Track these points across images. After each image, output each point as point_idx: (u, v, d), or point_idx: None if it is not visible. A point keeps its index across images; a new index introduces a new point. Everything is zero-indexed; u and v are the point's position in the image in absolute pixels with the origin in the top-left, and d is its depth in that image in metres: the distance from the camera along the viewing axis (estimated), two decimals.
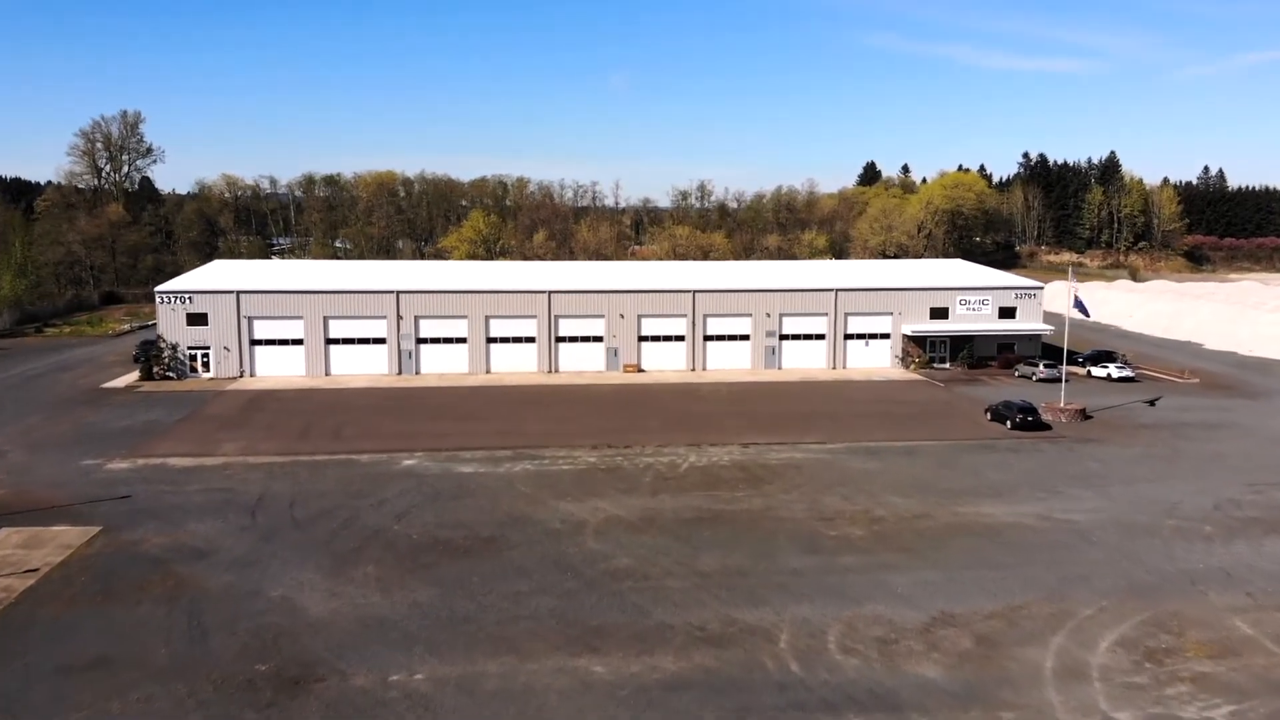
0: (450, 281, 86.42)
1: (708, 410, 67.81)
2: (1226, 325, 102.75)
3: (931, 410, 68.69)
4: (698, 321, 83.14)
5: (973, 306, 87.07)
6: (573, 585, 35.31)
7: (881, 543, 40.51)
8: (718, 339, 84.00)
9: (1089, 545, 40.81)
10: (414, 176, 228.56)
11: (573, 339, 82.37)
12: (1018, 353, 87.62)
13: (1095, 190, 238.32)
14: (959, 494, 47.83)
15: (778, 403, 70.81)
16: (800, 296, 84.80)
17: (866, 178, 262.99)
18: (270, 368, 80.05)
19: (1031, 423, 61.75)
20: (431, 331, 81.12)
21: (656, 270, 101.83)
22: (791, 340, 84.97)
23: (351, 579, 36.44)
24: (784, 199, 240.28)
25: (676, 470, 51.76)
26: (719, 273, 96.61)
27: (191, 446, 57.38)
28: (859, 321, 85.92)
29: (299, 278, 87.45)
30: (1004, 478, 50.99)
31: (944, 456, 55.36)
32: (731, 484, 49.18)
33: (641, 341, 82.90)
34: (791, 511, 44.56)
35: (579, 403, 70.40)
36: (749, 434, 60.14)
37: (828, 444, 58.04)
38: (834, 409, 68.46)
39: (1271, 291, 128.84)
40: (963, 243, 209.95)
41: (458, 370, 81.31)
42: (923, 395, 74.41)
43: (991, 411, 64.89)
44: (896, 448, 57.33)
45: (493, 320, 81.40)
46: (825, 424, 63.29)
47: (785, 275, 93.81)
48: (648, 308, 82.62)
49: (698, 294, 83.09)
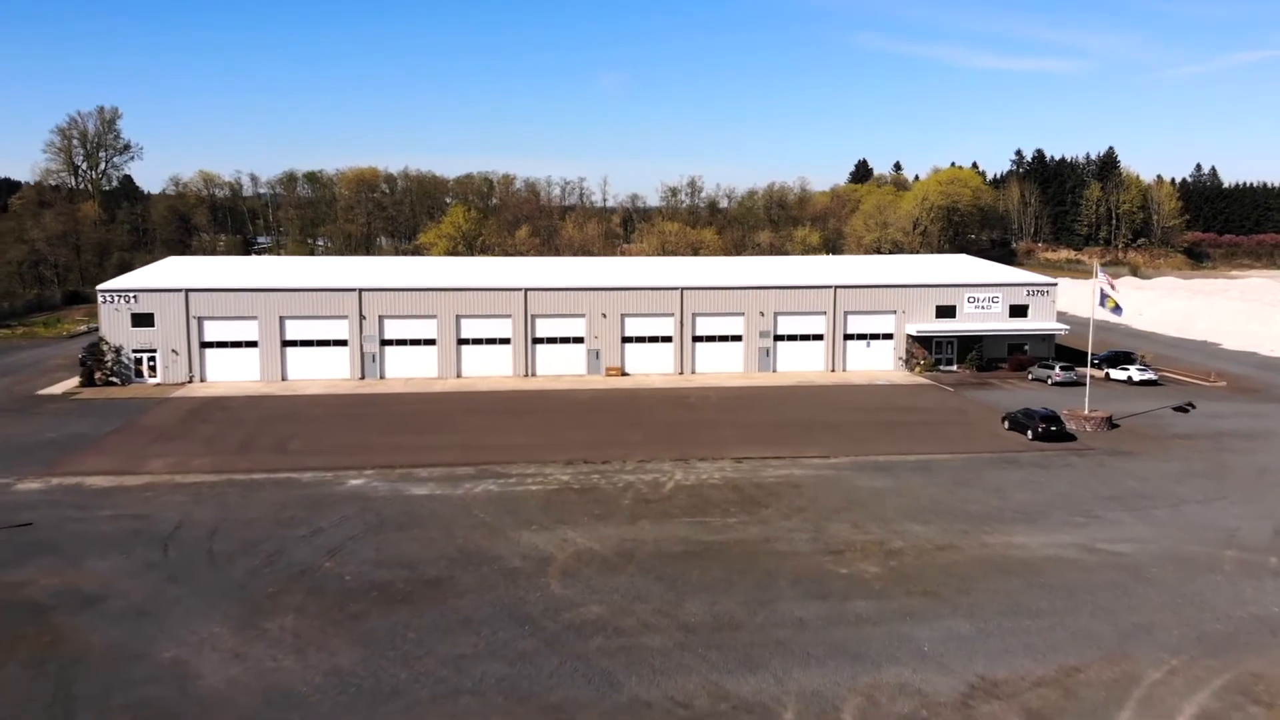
0: (418, 278, 79.90)
1: (696, 419, 61.56)
2: (1244, 324, 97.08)
3: (942, 418, 62.57)
4: (686, 321, 76.90)
5: (981, 304, 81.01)
6: (529, 644, 28.98)
7: (900, 583, 34.31)
8: (708, 340, 77.78)
9: (1143, 585, 34.69)
10: (397, 173, 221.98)
11: (551, 340, 76.02)
12: (1029, 354, 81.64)
13: (1093, 186, 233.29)
14: (985, 519, 41.69)
15: (773, 410, 64.63)
16: (796, 294, 78.63)
17: (859, 176, 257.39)
18: (222, 372, 73.48)
19: (1055, 433, 55.69)
20: (397, 332, 74.65)
21: (641, 266, 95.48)
22: (787, 341, 78.80)
23: (264, 634, 30.06)
24: (776, 195, 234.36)
25: (660, 491, 45.50)
26: (709, 269, 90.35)
27: (116, 463, 50.87)
28: (860, 321, 79.81)
29: (254, 275, 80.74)
30: (1033, 499, 44.88)
31: (962, 473, 49.25)
32: (723, 508, 42.94)
33: (625, 343, 76.60)
34: (793, 543, 38.33)
35: (555, 411, 64.06)
36: (742, 446, 53.94)
37: (831, 458, 51.87)
38: (835, 417, 62.30)
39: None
40: (958, 240, 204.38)
41: (426, 374, 74.86)
42: (931, 401, 68.30)
43: (1010, 420, 58.81)
44: (908, 462, 51.19)
45: (464, 320, 74.95)
46: (827, 434, 57.12)
47: (780, 271, 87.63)
48: (632, 306, 76.34)
49: (686, 291, 76.83)
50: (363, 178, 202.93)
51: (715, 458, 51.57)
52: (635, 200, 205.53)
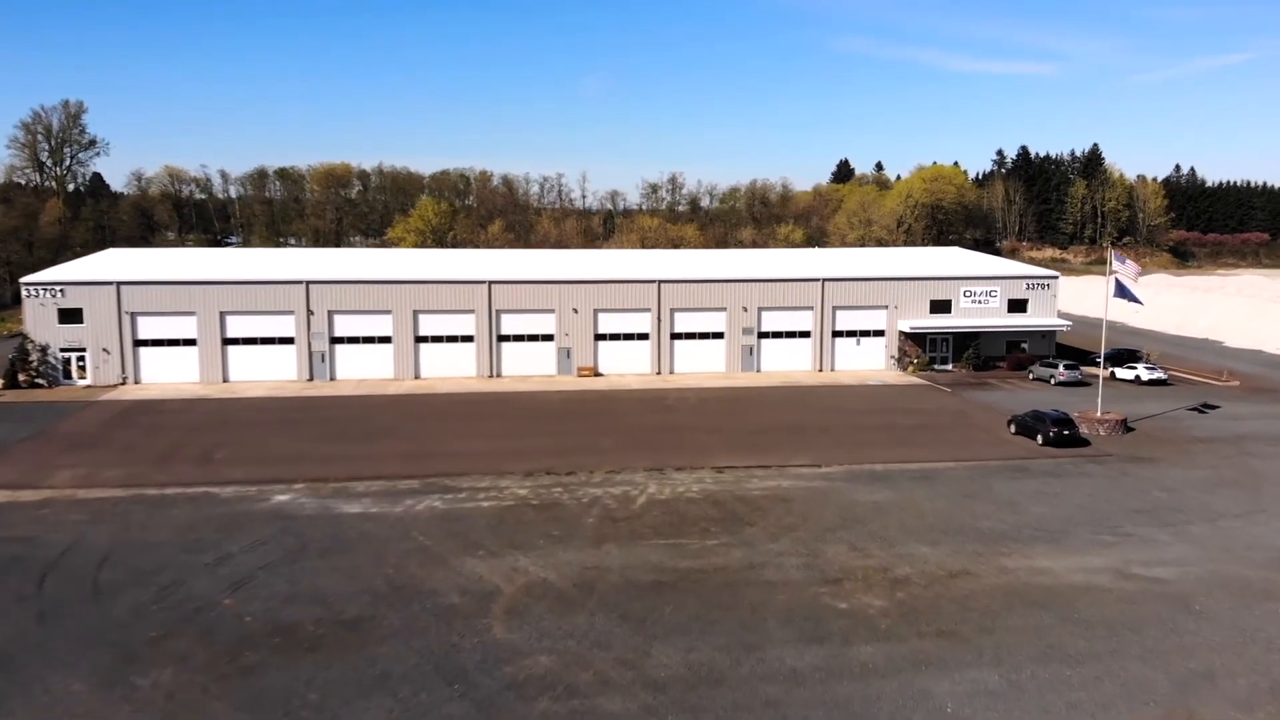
0: (372, 270, 73.93)
1: (674, 423, 56.05)
2: (1247, 321, 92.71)
3: (941, 421, 57.37)
4: (664, 317, 71.42)
5: (979, 299, 76.00)
6: (457, 710, 23.31)
7: (911, 621, 28.91)
8: (687, 337, 72.32)
9: (1195, 619, 29.46)
10: (371, 169, 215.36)
11: (518, 337, 70.31)
12: (1028, 352, 76.69)
13: (1078, 184, 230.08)
14: (1000, 539, 36.39)
15: (758, 413, 59.22)
16: (782, 288, 73.34)
17: (840, 176, 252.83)
18: (158, 373, 67.33)
19: (1068, 437, 50.58)
20: (349, 329, 68.73)
21: (617, 259, 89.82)
22: (772, 339, 73.48)
23: (132, 694, 24.28)
24: (758, 192, 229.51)
25: (631, 507, 39.93)
26: (688, 262, 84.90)
27: (18, 476, 44.82)
28: (849, 316, 74.60)
29: (194, 268, 74.54)
30: (1052, 513, 39.64)
31: (970, 483, 43.99)
32: (702, 526, 37.42)
33: (599, 340, 71.02)
34: (783, 570, 32.86)
35: (519, 414, 58.37)
36: (724, 454, 48.49)
37: (822, 467, 46.49)
38: (826, 420, 56.96)
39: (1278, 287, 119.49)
40: (942, 239, 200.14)
41: (380, 375, 68.98)
42: (928, 402, 63.11)
43: (1017, 423, 53.66)
44: (909, 471, 45.88)
45: (422, 316, 69.13)
46: (817, 440, 51.76)
47: (764, 264, 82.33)
48: (606, 301, 70.76)
49: (664, 285, 71.36)
50: (334, 174, 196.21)
51: (694, 467, 46.08)
52: (615, 197, 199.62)
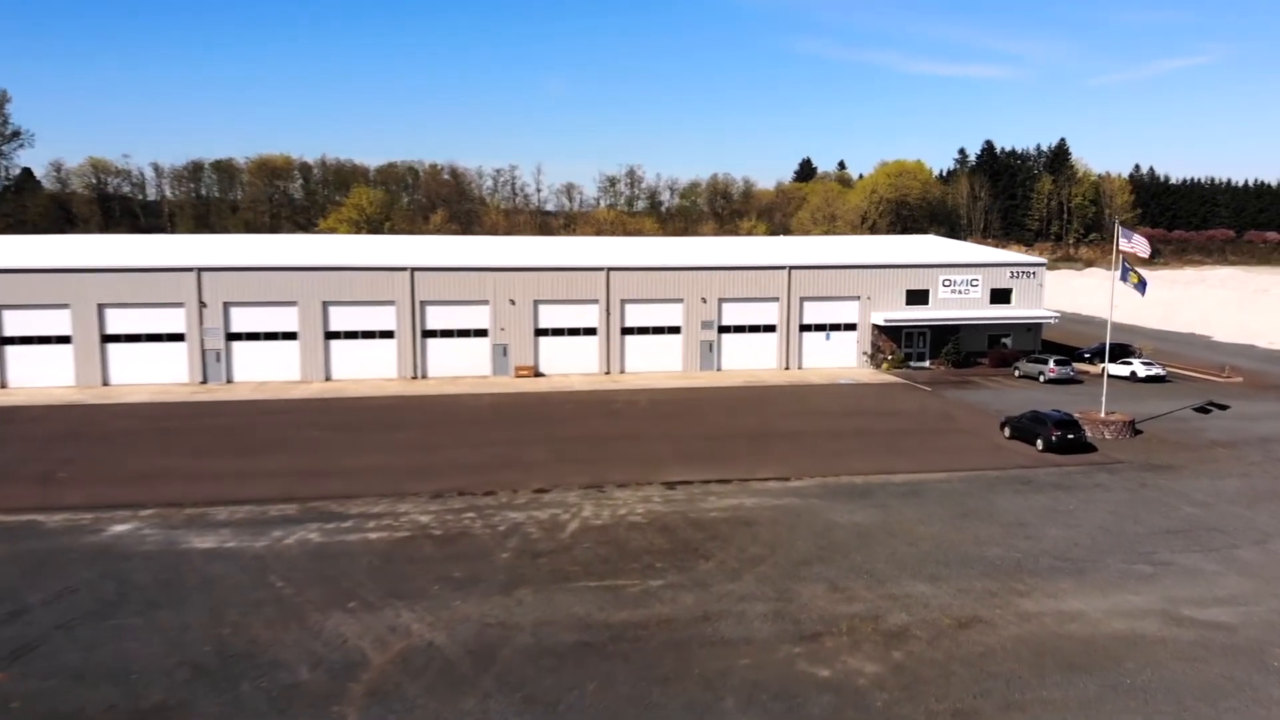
0: (274, 256, 65.33)
1: (621, 430, 48.41)
2: (1235, 314, 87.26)
3: (925, 424, 50.35)
4: (614, 310, 63.76)
5: (959, 288, 69.32)
6: None
7: (915, 695, 21.51)
8: (640, 332, 64.76)
9: (1275, 680, 22.46)
10: (313, 161, 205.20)
11: (446, 333, 62.23)
12: (1012, 346, 70.17)
13: (1044, 179, 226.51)
14: (1015, 572, 29.21)
15: (718, 417, 51.77)
16: (744, 276, 66.04)
17: (803, 174, 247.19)
18: (26, 375, 58.29)
19: (1072, 441, 43.76)
20: (248, 324, 60.16)
21: (561, 246, 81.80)
22: (734, 333, 66.19)
23: None
24: (720, 187, 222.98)
25: (558, 536, 32.20)
26: (641, 249, 77.38)
27: None
28: (818, 308, 67.52)
29: (69, 255, 65.44)
30: (1070, 536, 32.58)
31: (966, 498, 36.85)
32: (645, 561, 29.79)
33: (540, 336, 63.18)
34: (746, 623, 25.33)
35: (441, 421, 50.36)
36: (677, 466, 40.94)
37: (792, 480, 39.11)
38: (795, 425, 49.66)
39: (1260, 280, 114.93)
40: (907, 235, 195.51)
41: (286, 377, 60.52)
42: (908, 403, 56.10)
43: (1012, 426, 46.75)
44: (894, 485, 38.65)
45: (334, 308, 60.76)
46: (785, 448, 44.42)
47: (725, 252, 75.09)
48: (547, 291, 62.95)
49: (613, 273, 63.69)
50: (269, 165, 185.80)
51: (640, 483, 38.45)
52: (571, 190, 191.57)
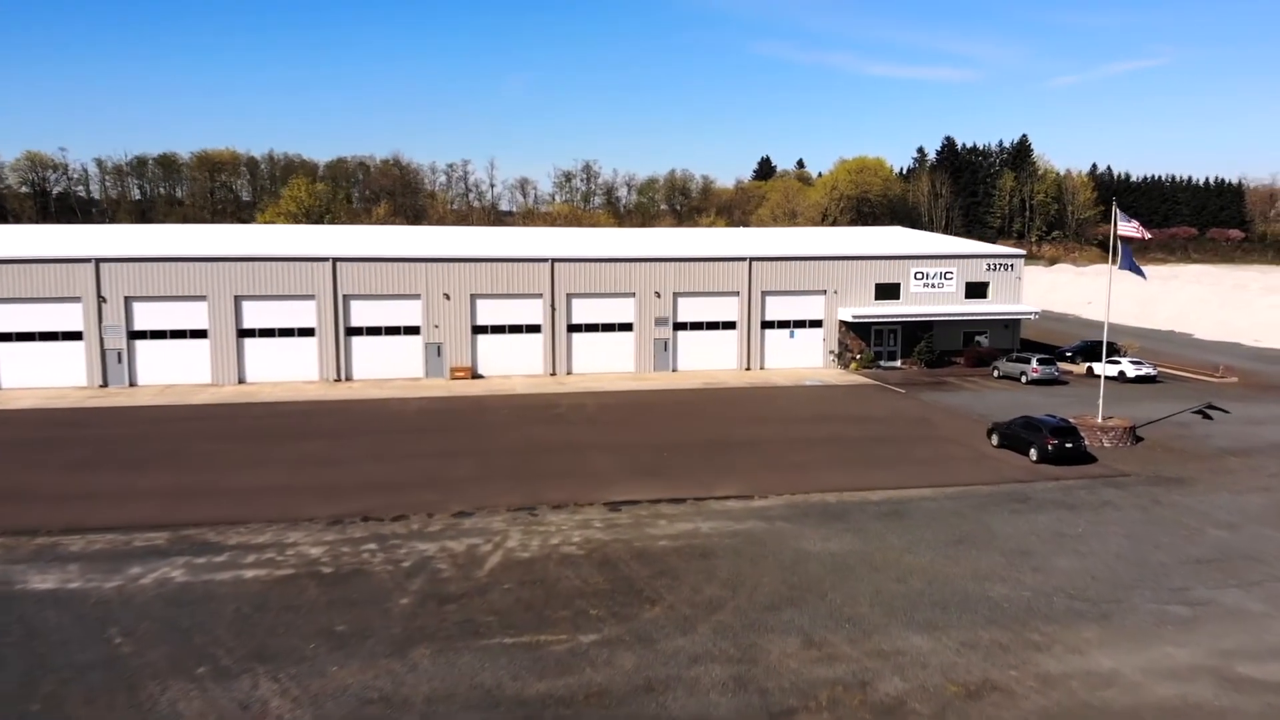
0: (182, 246, 58.65)
1: (563, 439, 42.72)
2: (1216, 311, 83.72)
3: (902, 431, 45.31)
4: (559, 305, 58.06)
5: (932, 282, 64.59)
6: None
7: None
8: (588, 330, 59.12)
9: None
10: (260, 156, 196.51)
11: (374, 331, 56.10)
12: (990, 344, 65.61)
13: (1007, 176, 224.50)
14: (1027, 617, 24.04)
15: (672, 424, 46.30)
16: (702, 269, 60.69)
17: (762, 173, 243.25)
18: None
19: (1070, 451, 38.92)
20: (152, 321, 53.60)
21: (502, 236, 75.64)
22: (691, 331, 60.85)
23: None
24: (678, 184, 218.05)
25: (473, 574, 26.47)
26: (590, 240, 71.72)
27: None
28: (781, 304, 62.40)
29: None
30: (1085, 568, 27.55)
31: (958, 520, 31.73)
32: (577, 608, 24.18)
33: (478, 334, 57.29)
34: (700, 694, 19.82)
35: (359, 432, 44.30)
36: (623, 482, 35.39)
37: (756, 499, 33.74)
38: (758, 432, 44.34)
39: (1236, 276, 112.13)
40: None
41: (195, 379, 54.05)
42: (881, 407, 51.10)
43: (1001, 433, 41.83)
44: (872, 504, 33.42)
45: (248, 303, 54.36)
46: (748, 460, 39.05)
47: (681, 243, 69.70)
48: (486, 284, 57.07)
49: (558, 265, 57.96)
50: (211, 159, 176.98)
51: (580, 503, 32.83)
52: (525, 185, 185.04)
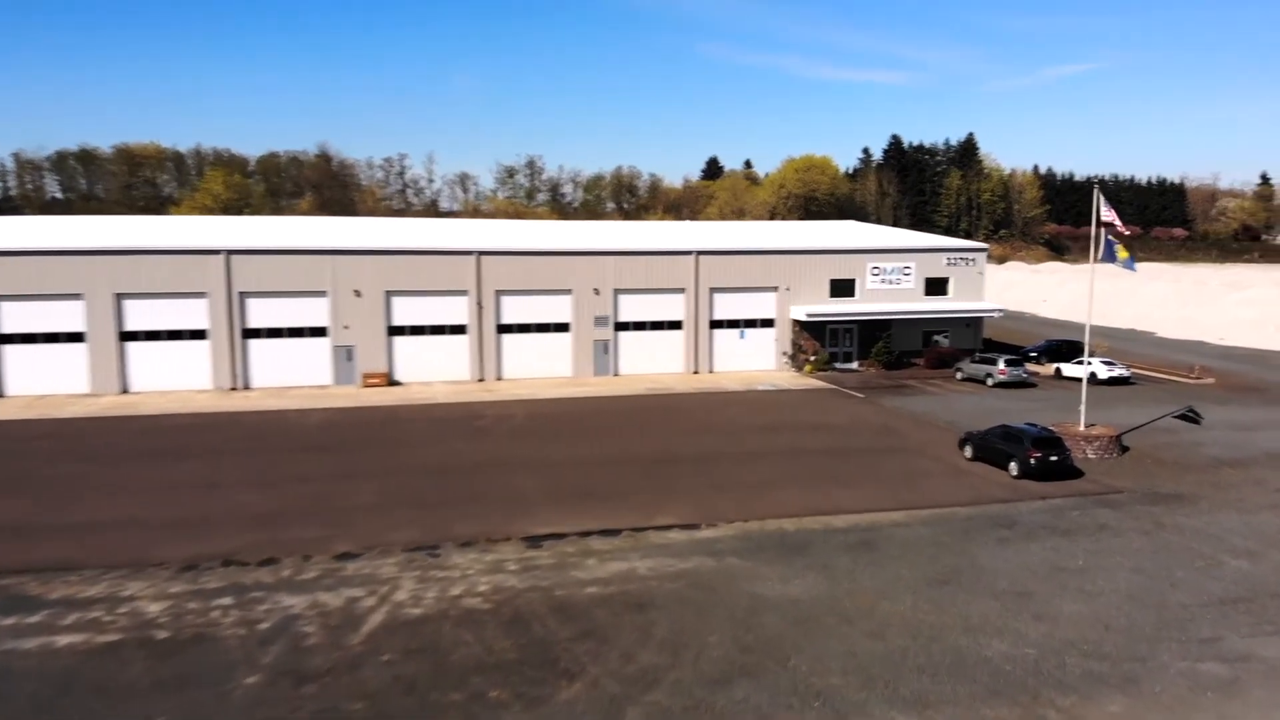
0: (53, 237, 51.87)
1: (482, 456, 37.25)
2: (1179, 309, 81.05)
3: (865, 442, 40.70)
4: (487, 303, 52.54)
5: (889, 278, 60.35)
6: None
7: None
8: (520, 330, 53.69)
9: None
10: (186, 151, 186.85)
11: (275, 332, 50.01)
12: (951, 344, 61.59)
13: (953, 175, 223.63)
14: (1035, 684, 19.33)
15: (609, 437, 41.09)
16: (645, 264, 55.64)
17: (710, 173, 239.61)
18: None
19: (1055, 465, 34.58)
20: (22, 322, 46.92)
21: (424, 228, 69.60)
22: (633, 331, 55.78)
23: None
24: (625, 181, 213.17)
25: (346, 640, 20.98)
26: (522, 232, 66.20)
27: None
28: (731, 301, 57.63)
29: None
30: (1093, 613, 23.00)
31: (937, 551, 27.04)
32: (472, 688, 18.86)
33: (394, 335, 51.52)
34: None
35: (244, 450, 38.30)
36: (549, 510, 30.10)
37: (703, 528, 28.71)
38: (706, 445, 39.35)
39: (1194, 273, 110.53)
40: None
41: (71, 389, 47.46)
42: (840, 414, 46.49)
43: (975, 445, 37.38)
44: (837, 532, 28.60)
45: (130, 302, 47.93)
46: (694, 479, 34.03)
47: (623, 236, 64.59)
48: (403, 280, 51.31)
49: (485, 258, 52.45)
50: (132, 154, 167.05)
51: (493, 539, 27.48)
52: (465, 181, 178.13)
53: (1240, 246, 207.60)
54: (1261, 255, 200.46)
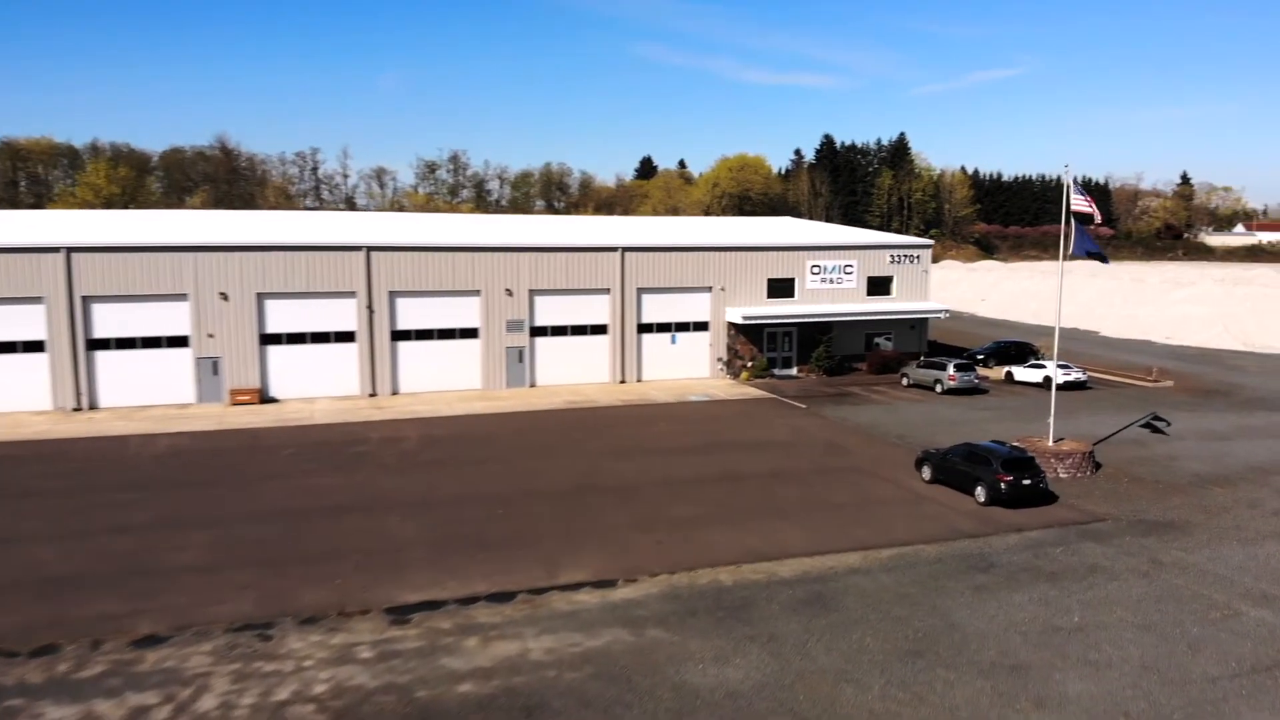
0: None
1: (357, 494, 31.06)
2: (1120, 307, 78.38)
3: (810, 461, 35.62)
4: (380, 305, 46.21)
5: (830, 276, 55.71)
6: None
7: None
8: (420, 336, 47.49)
9: None
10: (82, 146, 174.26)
11: (126, 343, 42.89)
12: (894, 347, 57.24)
13: (885, 174, 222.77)
14: None
15: (519, 461, 35.24)
16: (565, 261, 49.93)
17: (644, 173, 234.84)
18: None
19: (1029, 489, 29.91)
20: None
21: (305, 221, 62.22)
22: (552, 336, 50.03)
23: None
24: (555, 177, 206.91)
25: None
26: (422, 226, 59.72)
27: None
28: (661, 303, 52.29)
29: None
30: (1108, 696, 18.09)
31: (904, 608, 21.94)
32: None
33: (268, 345, 44.81)
34: None
35: (62, 491, 31.40)
36: (426, 567, 24.19)
37: (620, 584, 23.16)
38: (630, 471, 33.79)
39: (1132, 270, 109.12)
40: None
41: None
42: (782, 429, 41.40)
43: (934, 465, 32.55)
44: (783, 584, 23.31)
45: None
46: (614, 516, 28.44)
47: (540, 230, 58.76)
48: (279, 279, 44.64)
49: (378, 254, 46.10)
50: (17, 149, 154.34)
51: (347, 611, 21.48)
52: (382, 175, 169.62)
53: (1164, 244, 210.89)
54: (1185, 253, 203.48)
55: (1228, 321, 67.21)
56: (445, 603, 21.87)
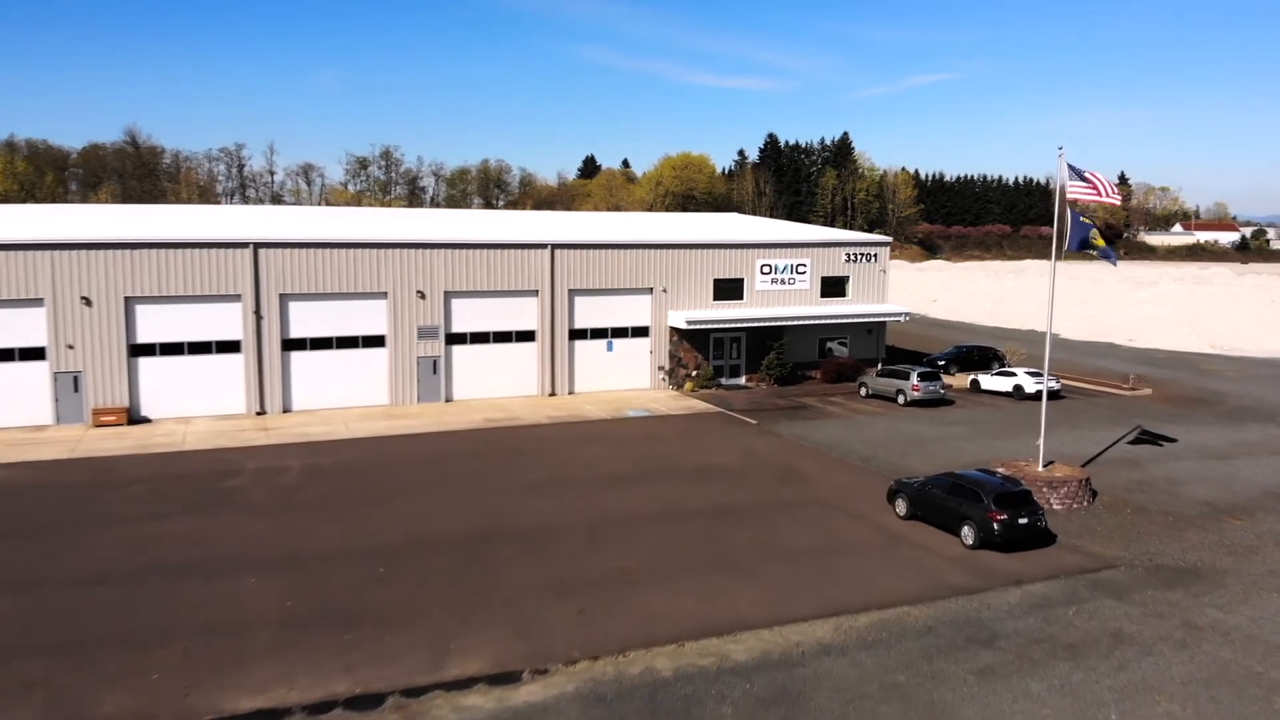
0: None
1: (209, 547, 25.09)
2: (1078, 308, 75.11)
3: (765, 494, 30.55)
4: (271, 310, 40.04)
5: (781, 277, 50.94)
6: None
7: None
8: (315, 345, 41.39)
9: None
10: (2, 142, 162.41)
11: None
12: (850, 355, 52.70)
13: (829, 174, 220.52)
14: None
15: (418, 498, 29.52)
16: (486, 260, 44.27)
17: (587, 172, 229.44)
18: None
19: (1025, 529, 25.21)
20: None
21: (184, 215, 54.83)
22: (471, 344, 44.36)
23: None
24: (493, 175, 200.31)
25: None
26: (322, 220, 53.36)
27: None
28: (595, 305, 46.95)
29: None
30: None
31: (894, 706, 16.88)
32: None
33: (139, 356, 38.38)
34: None
35: None
36: (277, 652, 18.48)
37: (525, 681, 17.73)
38: (551, 510, 28.30)
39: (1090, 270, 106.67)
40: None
41: None
42: (732, 451, 36.29)
43: (910, 498, 27.72)
44: (736, 670, 18.12)
45: None
46: (525, 574, 22.97)
47: (458, 225, 52.95)
48: (151, 281, 38.23)
49: (267, 251, 39.90)
50: None
51: None
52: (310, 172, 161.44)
53: None
54: (1126, 252, 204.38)
55: (1194, 323, 64.17)
56: (289, 712, 16.25)
